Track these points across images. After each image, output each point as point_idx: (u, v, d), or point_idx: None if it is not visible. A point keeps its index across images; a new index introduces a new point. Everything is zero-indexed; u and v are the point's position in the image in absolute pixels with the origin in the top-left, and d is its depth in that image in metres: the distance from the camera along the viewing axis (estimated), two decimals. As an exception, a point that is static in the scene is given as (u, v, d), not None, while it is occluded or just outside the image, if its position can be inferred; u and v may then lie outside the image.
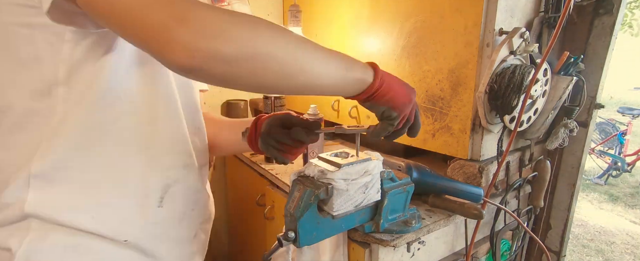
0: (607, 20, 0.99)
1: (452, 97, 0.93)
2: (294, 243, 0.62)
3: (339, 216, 0.65)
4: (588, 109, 1.07)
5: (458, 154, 0.95)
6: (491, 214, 1.03)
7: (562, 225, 1.20)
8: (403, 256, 0.84)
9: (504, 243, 1.09)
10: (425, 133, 1.02)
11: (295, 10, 1.37)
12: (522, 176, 1.07)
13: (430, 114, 1.00)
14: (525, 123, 0.95)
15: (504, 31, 0.84)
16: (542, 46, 0.95)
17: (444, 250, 0.96)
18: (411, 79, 1.04)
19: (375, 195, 0.69)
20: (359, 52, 1.23)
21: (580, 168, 1.12)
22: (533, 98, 0.90)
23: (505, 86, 0.84)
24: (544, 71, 0.92)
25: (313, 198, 0.60)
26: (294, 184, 0.65)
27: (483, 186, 0.91)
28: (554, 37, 0.78)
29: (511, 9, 0.87)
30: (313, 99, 1.55)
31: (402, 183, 0.73)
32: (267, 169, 1.20)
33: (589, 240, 2.88)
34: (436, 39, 0.95)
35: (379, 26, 1.12)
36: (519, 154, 1.05)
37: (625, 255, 2.69)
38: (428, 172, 0.88)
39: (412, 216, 0.79)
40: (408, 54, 1.04)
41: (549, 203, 1.19)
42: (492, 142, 0.95)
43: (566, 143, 1.03)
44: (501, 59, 0.85)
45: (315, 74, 0.46)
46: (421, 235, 0.81)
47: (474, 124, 0.91)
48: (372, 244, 0.77)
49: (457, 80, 0.91)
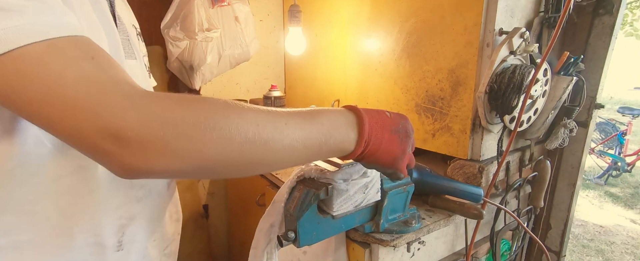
0: (607, 20, 0.99)
1: (452, 97, 0.93)
2: (294, 243, 0.62)
3: (339, 216, 0.65)
4: (588, 109, 1.07)
5: (458, 154, 0.95)
6: (491, 214, 1.03)
7: (562, 225, 1.20)
8: (403, 256, 0.84)
9: (504, 243, 1.09)
10: (425, 133, 1.02)
11: (295, 11, 1.37)
12: (522, 176, 1.07)
13: (430, 114, 1.00)
14: (525, 123, 0.95)
15: (504, 31, 0.84)
16: (542, 46, 0.95)
17: (444, 250, 0.96)
18: (411, 79, 1.04)
19: (375, 195, 0.69)
20: (359, 52, 1.23)
21: (580, 168, 1.12)
22: (533, 98, 0.90)
23: (505, 86, 0.84)
24: (544, 71, 0.92)
25: (313, 198, 0.60)
26: (294, 184, 0.65)
27: (483, 186, 0.91)
28: (553, 37, 0.78)
29: (511, 9, 0.87)
30: (312, 99, 1.55)
31: (402, 183, 0.73)
32: (267, 169, 1.20)
33: (589, 240, 2.88)
34: (436, 39, 0.95)
35: (379, 26, 1.12)
36: (519, 154, 1.05)
37: (625, 255, 2.69)
38: (428, 172, 0.88)
39: (412, 216, 0.79)
40: (408, 54, 1.04)
41: (549, 203, 1.19)
42: (492, 142, 0.95)
43: (566, 143, 1.03)
44: (501, 59, 0.85)
45: (282, 161, 0.42)
46: (421, 235, 0.81)
47: (474, 124, 0.91)
48: (372, 244, 0.77)
49: (457, 80, 0.91)
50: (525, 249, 1.22)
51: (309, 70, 1.55)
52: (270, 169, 0.43)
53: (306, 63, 1.56)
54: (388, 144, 0.50)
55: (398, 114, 0.54)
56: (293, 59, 1.65)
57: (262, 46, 1.60)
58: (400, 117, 0.54)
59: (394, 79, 1.09)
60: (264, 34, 1.64)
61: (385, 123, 0.50)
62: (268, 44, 1.66)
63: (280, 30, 1.69)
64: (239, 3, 1.35)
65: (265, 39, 1.64)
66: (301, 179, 0.65)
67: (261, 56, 1.64)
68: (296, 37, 1.44)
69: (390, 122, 0.51)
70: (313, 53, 1.50)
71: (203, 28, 1.26)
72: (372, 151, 0.49)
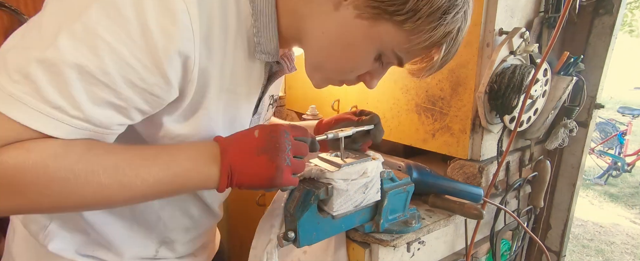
0: (607, 21, 0.99)
1: (452, 97, 0.93)
2: (294, 243, 0.62)
3: (339, 216, 0.65)
4: (588, 109, 1.07)
5: (458, 154, 0.95)
6: (491, 214, 1.03)
7: (562, 225, 1.20)
8: (403, 256, 0.84)
9: (504, 243, 1.09)
10: (425, 133, 1.02)
11: (295, 10, 1.36)
12: (522, 176, 1.07)
13: (430, 114, 1.00)
14: (525, 123, 0.95)
15: (504, 31, 0.84)
16: (542, 46, 0.95)
17: (444, 250, 0.96)
18: (411, 79, 1.03)
19: (375, 195, 0.69)
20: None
21: (580, 168, 1.12)
22: (533, 98, 0.90)
23: (505, 86, 0.84)
24: (544, 71, 0.92)
25: (313, 198, 0.60)
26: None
27: (483, 186, 0.91)
28: (553, 37, 0.78)
29: (511, 9, 0.87)
30: (312, 99, 1.55)
31: (402, 183, 0.73)
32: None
33: (589, 240, 2.88)
34: (436, 39, 0.95)
35: (379, 26, 1.12)
36: (519, 154, 1.05)
37: (625, 255, 2.69)
38: (428, 172, 0.88)
39: (412, 216, 0.79)
40: (408, 54, 1.03)
41: (549, 203, 1.19)
42: (492, 142, 0.95)
43: (566, 143, 1.03)
44: (501, 59, 0.85)
45: (130, 199, 0.43)
46: (421, 235, 0.81)
47: (474, 124, 0.91)
48: (372, 244, 0.77)
49: (457, 80, 0.91)
50: (525, 249, 1.22)
51: (309, 70, 1.55)
52: (126, 203, 0.45)
53: (306, 63, 1.56)
54: (255, 169, 0.47)
55: (268, 129, 0.50)
56: (293, 59, 1.65)
57: (262, 46, 1.60)
58: (269, 132, 0.50)
59: (394, 79, 1.09)
60: (264, 34, 1.63)
61: (250, 146, 0.48)
62: (268, 44, 1.66)
63: (280, 30, 1.68)
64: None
65: (265, 39, 1.64)
66: (301, 179, 0.65)
67: (261, 56, 1.64)
68: (296, 37, 1.44)
69: (256, 144, 0.48)
70: (313, 53, 1.49)
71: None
72: (240, 181, 0.47)
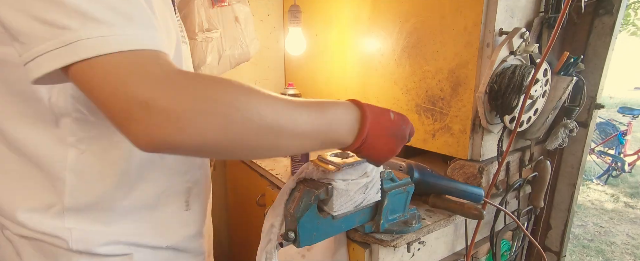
0: (607, 20, 0.99)
1: (452, 97, 0.93)
2: (294, 243, 0.62)
3: (339, 217, 0.65)
4: (588, 109, 1.07)
5: (458, 155, 0.95)
6: (491, 214, 1.03)
7: (562, 225, 1.20)
8: (403, 256, 0.84)
9: (504, 244, 1.09)
10: (425, 133, 1.02)
11: (295, 11, 1.37)
12: (522, 176, 1.07)
13: (430, 114, 1.00)
14: (525, 123, 0.95)
15: (504, 31, 0.84)
16: (542, 46, 0.95)
17: (444, 250, 0.96)
18: (411, 79, 1.04)
19: (375, 195, 0.69)
20: (359, 53, 1.23)
21: (580, 168, 1.12)
22: (533, 98, 0.90)
23: (505, 86, 0.84)
24: (544, 71, 0.92)
25: (313, 198, 0.60)
26: (295, 185, 0.65)
27: (483, 186, 0.91)
28: (553, 37, 0.78)
29: (511, 9, 0.87)
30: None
31: (402, 183, 0.73)
32: (267, 170, 1.20)
33: (589, 240, 2.88)
34: (436, 39, 0.95)
35: (379, 26, 1.12)
36: (519, 155, 1.05)
37: (625, 255, 2.69)
38: (429, 172, 0.88)
39: (412, 217, 0.79)
40: (408, 54, 1.04)
41: (549, 203, 1.19)
42: (492, 142, 0.95)
43: (566, 143, 1.03)
44: (501, 59, 0.85)
45: (289, 148, 0.45)
46: (421, 235, 0.81)
47: (474, 124, 0.91)
48: (372, 244, 0.77)
49: (457, 80, 0.91)
50: (525, 249, 1.22)
51: (309, 70, 1.55)
52: (277, 155, 0.45)
53: (306, 63, 1.56)
54: (383, 146, 0.52)
55: (401, 117, 0.56)
56: (293, 59, 1.65)
57: (262, 46, 1.60)
58: (402, 120, 0.55)
59: (394, 80, 1.09)
60: (264, 34, 1.64)
61: (386, 126, 0.52)
62: (268, 44, 1.66)
63: (281, 31, 1.69)
64: (239, 3, 1.35)
65: (266, 39, 1.64)
66: (301, 179, 0.65)
67: (261, 56, 1.64)
68: (296, 37, 1.44)
69: (391, 126, 0.53)
70: (313, 53, 1.50)
71: (203, 28, 1.26)
72: (365, 148, 0.51)
